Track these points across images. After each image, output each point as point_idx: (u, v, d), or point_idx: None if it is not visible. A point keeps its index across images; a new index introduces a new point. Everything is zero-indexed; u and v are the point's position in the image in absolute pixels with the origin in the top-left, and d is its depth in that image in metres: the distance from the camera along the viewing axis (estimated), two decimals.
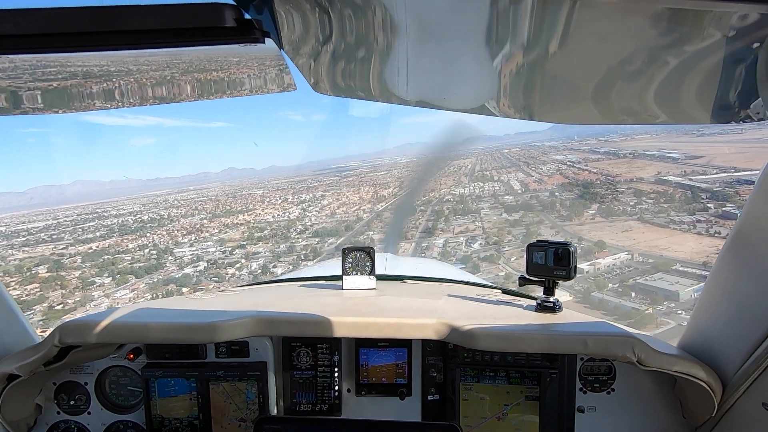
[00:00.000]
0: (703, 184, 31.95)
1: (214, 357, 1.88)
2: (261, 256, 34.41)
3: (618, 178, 38.81)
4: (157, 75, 0.98)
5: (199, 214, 44.01)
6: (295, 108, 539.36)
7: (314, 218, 42.27)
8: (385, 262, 3.29)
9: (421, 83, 1.12)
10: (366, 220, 41.76)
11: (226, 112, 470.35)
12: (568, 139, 59.55)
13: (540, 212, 37.34)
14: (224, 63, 0.94)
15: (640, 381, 1.76)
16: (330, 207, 44.59)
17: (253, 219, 41.83)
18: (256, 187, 54.26)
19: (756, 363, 1.35)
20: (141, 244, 36.54)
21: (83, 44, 0.71)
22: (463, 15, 0.79)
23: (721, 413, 1.54)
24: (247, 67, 0.98)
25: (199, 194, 53.15)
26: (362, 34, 0.89)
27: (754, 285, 1.35)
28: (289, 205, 45.94)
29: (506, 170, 49.99)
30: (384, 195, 46.67)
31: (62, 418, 1.92)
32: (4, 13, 0.67)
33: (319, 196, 48.30)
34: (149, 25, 0.70)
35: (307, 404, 1.91)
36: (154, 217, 43.78)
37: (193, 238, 38.03)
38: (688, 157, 38.72)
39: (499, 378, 1.78)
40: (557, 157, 51.25)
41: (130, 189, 77.25)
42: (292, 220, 41.55)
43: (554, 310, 1.76)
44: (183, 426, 1.85)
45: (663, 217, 30.42)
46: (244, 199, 48.89)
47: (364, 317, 1.68)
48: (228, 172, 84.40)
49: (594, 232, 30.75)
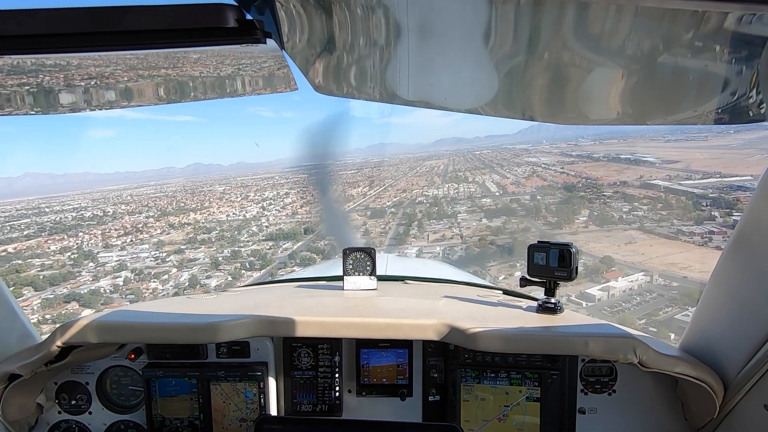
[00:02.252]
0: (695, 189, 30.84)
1: (215, 357, 1.88)
2: (198, 263, 31.14)
3: (600, 181, 37.84)
4: (158, 75, 0.98)
5: (148, 212, 41.33)
6: (266, 104, 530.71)
7: (273, 218, 39.71)
8: (386, 262, 3.29)
9: (422, 83, 1.12)
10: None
11: (191, 105, 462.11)
12: (538, 143, 59.47)
13: (524, 218, 34.96)
14: (226, 63, 0.94)
15: (641, 382, 1.75)
16: (292, 206, 42.25)
17: (204, 218, 39.13)
18: (220, 183, 51.98)
19: (758, 365, 1.34)
20: (65, 246, 33.18)
21: (85, 45, 0.71)
22: (464, 15, 0.79)
23: (722, 415, 1.53)
24: (249, 68, 0.98)
25: (158, 190, 50.34)
26: (363, 34, 0.89)
27: (755, 286, 1.35)
28: (249, 203, 43.53)
29: (480, 171, 49.22)
30: (352, 194, 45.00)
31: (63, 418, 1.92)
32: (6, 13, 0.67)
33: (283, 194, 46.00)
34: (151, 26, 0.70)
35: (307, 405, 1.91)
36: (97, 214, 40.65)
37: (128, 240, 34.91)
38: (664, 161, 38.24)
39: (500, 379, 1.78)
40: (530, 159, 50.94)
41: (85, 183, 73.13)
42: (247, 220, 38.91)
43: (555, 311, 1.75)
44: (184, 426, 1.85)
45: (667, 226, 28.06)
46: (202, 196, 46.41)
47: (365, 318, 1.68)
48: (193, 167, 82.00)
49: (592, 244, 27.72)
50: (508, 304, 1.92)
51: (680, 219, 28.35)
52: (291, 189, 46.65)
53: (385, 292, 2.10)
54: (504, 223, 33.90)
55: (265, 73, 1.03)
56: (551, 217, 33.79)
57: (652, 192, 32.71)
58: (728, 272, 1.47)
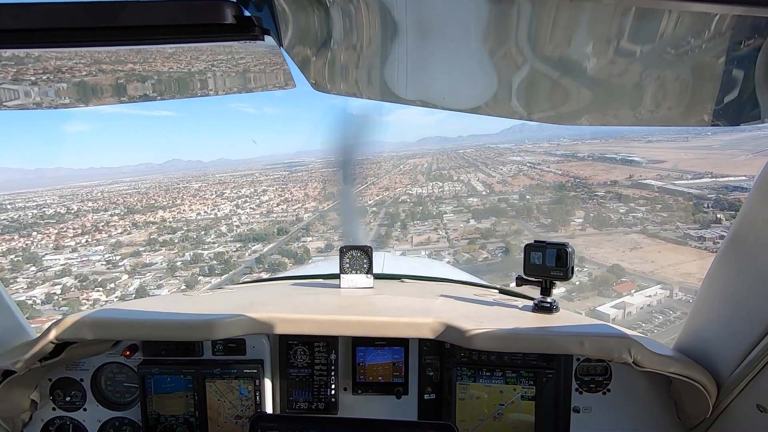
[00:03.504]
0: (691, 189, 29.60)
1: (210, 354, 1.88)
2: (153, 268, 28.42)
3: (589, 180, 36.86)
4: (155, 71, 0.97)
5: (114, 209, 38.76)
6: (248, 100, 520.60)
7: (245, 217, 37.40)
8: (383, 261, 3.29)
9: (420, 82, 1.12)
10: (306, 221, 36.55)
11: (169, 100, 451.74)
12: (520, 142, 59.17)
13: (515, 219, 32.90)
14: (223, 60, 0.93)
15: (635, 382, 1.76)
16: (269, 204, 40.43)
17: (172, 217, 36.60)
18: (197, 179, 49.90)
19: (751, 365, 1.35)
20: (11, 248, 30.43)
21: (82, 39, 0.71)
22: (462, 14, 0.79)
23: (715, 414, 1.54)
24: (247, 65, 0.98)
25: (131, 186, 47.80)
26: (362, 32, 0.89)
27: (749, 287, 1.36)
28: (223, 200, 41.42)
29: (465, 170, 48.38)
30: (333, 192, 42.28)
31: (57, 415, 1.92)
32: (3, 7, 0.67)
33: (260, 191, 44.34)
34: (148, 21, 0.69)
35: (303, 402, 1.91)
36: (60, 211, 37.81)
37: (84, 241, 32.30)
38: (650, 161, 37.62)
39: (495, 378, 1.79)
40: (515, 158, 50.39)
41: (57, 179, 68.61)
42: (218, 219, 36.54)
43: (551, 310, 1.76)
44: (179, 423, 1.85)
45: (672, 230, 25.66)
46: (176, 193, 44.00)
47: (361, 316, 1.68)
48: (172, 163, 79.51)
49: (593, 249, 25.39)
50: (504, 303, 1.93)
51: (684, 221, 26.67)
52: (270, 186, 45.17)
53: (382, 291, 2.10)
54: (494, 224, 31.97)
55: (263, 70, 1.03)
56: (544, 218, 32.38)
57: (646, 192, 31.77)
58: (723, 273, 1.48)
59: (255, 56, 0.91)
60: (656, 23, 0.73)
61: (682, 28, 0.72)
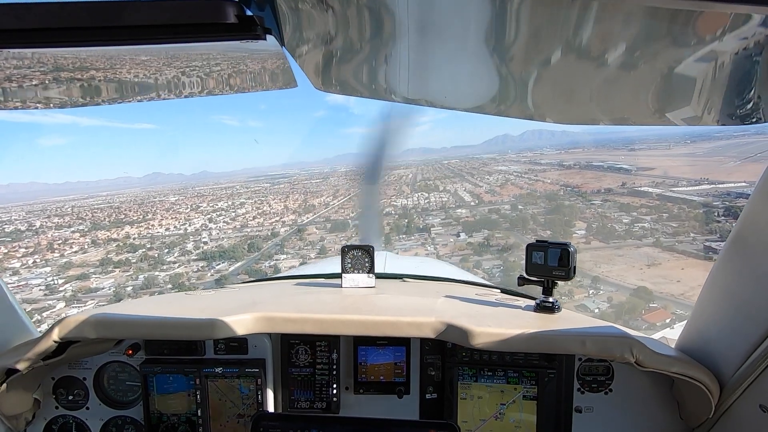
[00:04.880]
0: (695, 197, 27.82)
1: (212, 353, 1.88)
2: (98, 294, 25.34)
3: (582, 188, 35.06)
4: (157, 71, 0.97)
5: (79, 225, 35.89)
6: (231, 112, 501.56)
7: (216, 232, 34.50)
8: (385, 260, 3.29)
9: (422, 81, 1.12)
10: (282, 236, 33.74)
11: (151, 113, 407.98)
12: (504, 153, 58.19)
13: (509, 231, 29.70)
14: (225, 60, 0.93)
15: (637, 382, 1.76)
16: (244, 217, 37.57)
17: (138, 233, 33.62)
18: (175, 193, 47.38)
19: (753, 365, 1.35)
20: None
21: (83, 39, 0.71)
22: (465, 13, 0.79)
23: (718, 415, 1.54)
24: (248, 64, 0.98)
25: (105, 201, 44.96)
26: (364, 31, 0.89)
27: (752, 287, 1.35)
28: (197, 214, 38.55)
29: (450, 180, 46.57)
30: (313, 204, 41.28)
31: (60, 413, 1.92)
32: (3, 7, 0.67)
33: (238, 203, 41.69)
34: (150, 21, 0.69)
35: (305, 402, 1.91)
36: (20, 228, 34.93)
37: (31, 261, 29.39)
38: (639, 168, 36.30)
39: (497, 377, 1.78)
40: (500, 167, 49.08)
41: (31, 193, 63.29)
42: (186, 234, 33.74)
43: (553, 310, 1.76)
44: (181, 422, 1.85)
45: (688, 242, 22.46)
46: (150, 207, 41.16)
47: (363, 315, 1.68)
48: (152, 177, 75.73)
49: (606, 266, 21.88)
50: (506, 303, 1.92)
51: (698, 232, 23.69)
52: (249, 198, 43.14)
53: (384, 290, 2.10)
54: (487, 238, 28.71)
55: (265, 70, 1.03)
56: (542, 229, 29.73)
57: (646, 200, 29.82)
58: (725, 273, 1.48)
59: (257, 56, 0.91)
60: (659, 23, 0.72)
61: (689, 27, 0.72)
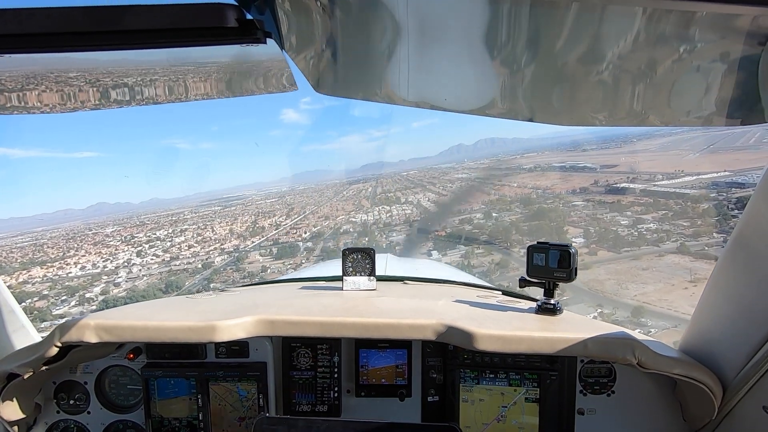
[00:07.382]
0: (686, 190, 25.84)
1: (214, 357, 1.88)
2: None
3: (555, 190, 32.31)
4: (158, 75, 0.98)
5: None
6: (183, 135, 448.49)
7: (138, 268, 30.34)
8: (386, 263, 3.29)
9: (422, 84, 1.12)
10: (215, 266, 30.31)
11: (93, 140, 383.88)
12: (460, 162, 56.20)
13: (490, 247, 24.28)
14: (226, 63, 0.94)
15: (640, 383, 1.75)
16: (178, 247, 33.81)
17: (43, 275, 29.21)
18: (116, 223, 43.28)
19: (756, 366, 1.34)
20: None
21: (85, 44, 0.71)
22: (464, 16, 0.79)
23: (721, 416, 1.53)
24: (249, 68, 0.98)
25: (33, 238, 40.29)
26: (363, 35, 0.89)
27: (754, 288, 1.35)
28: (128, 246, 34.76)
29: (411, 191, 43.99)
30: (263, 226, 38.15)
31: (62, 418, 1.92)
32: (6, 12, 0.67)
33: (178, 231, 38.08)
34: (151, 25, 0.70)
35: (306, 405, 1.91)
36: None
37: None
38: (603, 166, 34.73)
39: (499, 379, 1.78)
40: (460, 175, 47.11)
41: None
42: (101, 273, 29.47)
43: (554, 312, 1.75)
44: (182, 426, 1.85)
45: (719, 245, 18.62)
46: (78, 242, 36.97)
47: (364, 318, 1.68)
48: (96, 208, 70.19)
49: (634, 287, 17.03)
50: (507, 305, 1.92)
51: (722, 231, 20.22)
52: (192, 224, 39.73)
53: (385, 293, 2.09)
54: (465, 257, 23.21)
55: (265, 73, 1.03)
56: (528, 239, 23.06)
57: (633, 197, 27.35)
58: (727, 273, 1.47)
59: (257, 59, 0.92)
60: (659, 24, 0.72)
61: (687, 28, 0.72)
